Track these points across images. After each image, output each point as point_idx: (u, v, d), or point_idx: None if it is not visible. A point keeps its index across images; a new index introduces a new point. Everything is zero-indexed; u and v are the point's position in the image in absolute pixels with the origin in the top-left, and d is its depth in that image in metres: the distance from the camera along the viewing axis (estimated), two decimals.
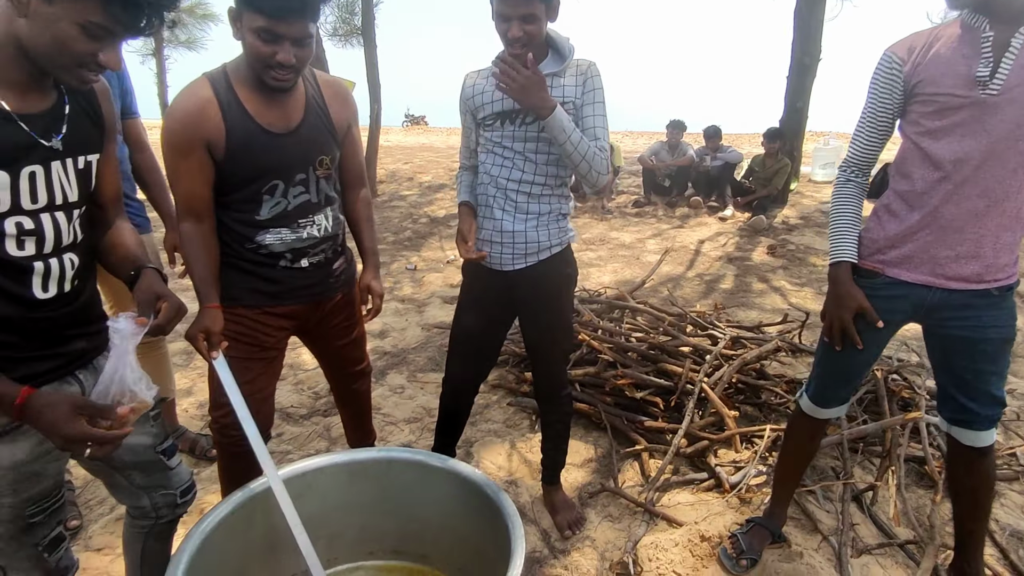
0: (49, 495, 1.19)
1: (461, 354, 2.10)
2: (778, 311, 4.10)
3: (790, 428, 1.99)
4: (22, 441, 1.13)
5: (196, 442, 2.57)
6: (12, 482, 1.13)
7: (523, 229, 1.84)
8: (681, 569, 1.97)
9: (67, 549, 1.28)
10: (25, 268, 1.08)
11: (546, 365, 2.04)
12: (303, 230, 1.68)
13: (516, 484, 2.44)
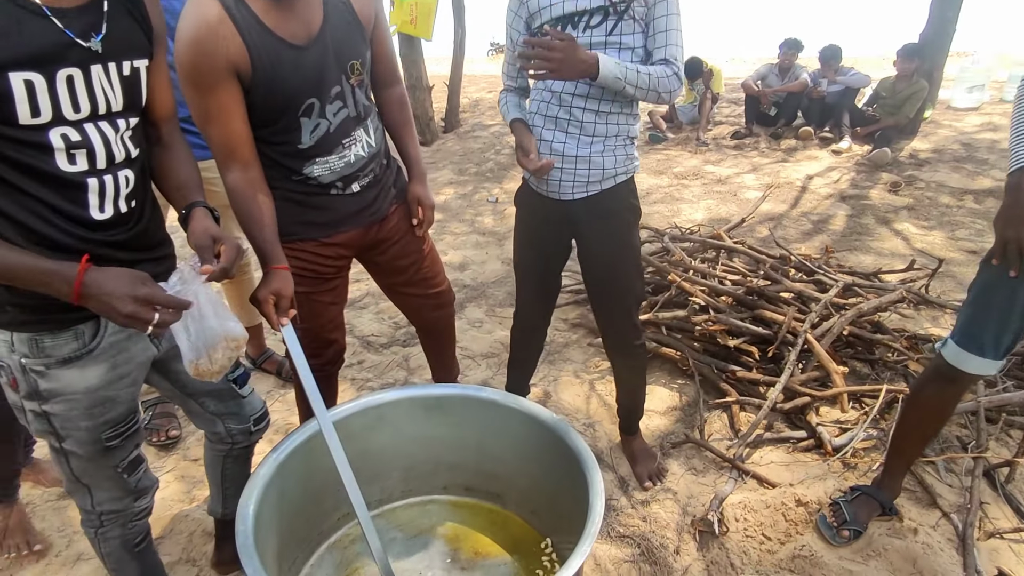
0: (123, 420, 1.20)
1: (525, 290, 1.98)
2: (899, 257, 3.64)
3: (921, 387, 1.72)
4: (93, 367, 1.12)
5: (282, 365, 2.65)
6: (87, 407, 1.14)
7: (587, 154, 1.64)
8: (772, 533, 1.82)
9: (146, 471, 1.31)
10: (79, 185, 1.03)
11: (614, 312, 1.85)
12: (349, 152, 1.53)
13: (594, 428, 2.34)
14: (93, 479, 1.22)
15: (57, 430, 1.14)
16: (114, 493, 1.26)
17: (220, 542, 1.70)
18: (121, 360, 1.16)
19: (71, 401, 1.12)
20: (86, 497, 1.25)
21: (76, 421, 1.14)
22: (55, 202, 1.01)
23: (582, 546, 1.16)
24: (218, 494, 1.60)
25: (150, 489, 1.32)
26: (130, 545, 1.32)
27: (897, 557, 1.70)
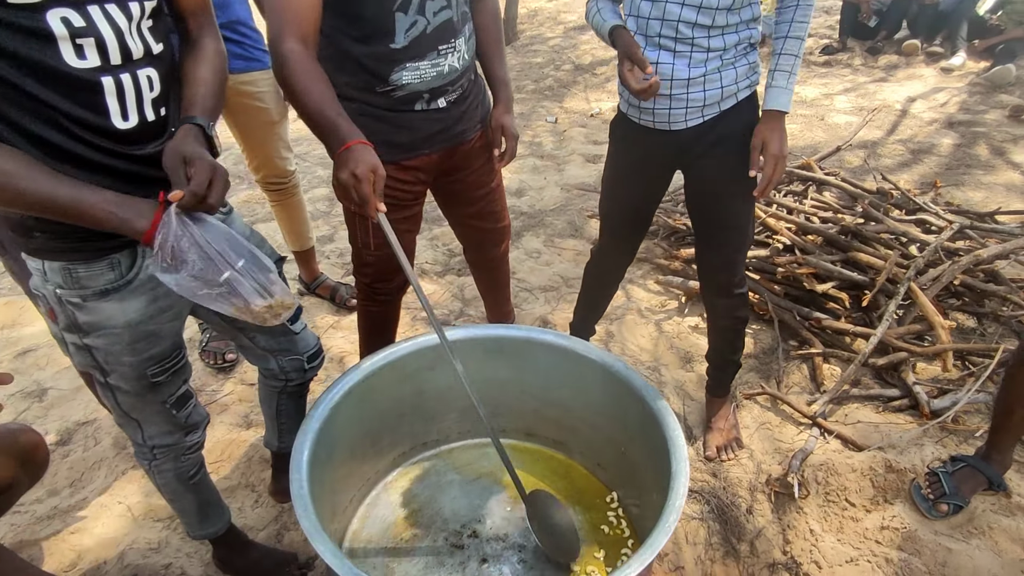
0: (169, 356, 1.13)
1: (613, 229, 1.77)
2: (1017, 194, 3.20)
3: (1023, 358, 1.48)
4: (132, 299, 1.03)
5: (336, 290, 2.58)
6: (129, 342, 1.06)
7: (701, 74, 1.38)
8: (857, 499, 1.67)
9: (196, 405, 1.26)
10: (92, 86, 0.88)
11: (721, 254, 1.63)
12: (444, 61, 1.37)
13: (659, 372, 2.19)
14: (142, 414, 1.18)
15: (101, 364, 1.08)
16: (164, 428, 1.21)
17: (277, 472, 1.69)
18: (162, 292, 1.07)
19: (112, 335, 1.04)
20: (137, 431, 1.21)
21: (119, 356, 1.07)
22: (70, 109, 0.88)
23: (664, 523, 1.04)
24: (273, 428, 1.56)
25: (200, 424, 1.28)
26: (184, 477, 1.30)
27: (1004, 537, 1.53)
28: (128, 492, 1.74)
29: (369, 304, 1.78)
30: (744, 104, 1.46)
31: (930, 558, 1.51)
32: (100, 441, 1.92)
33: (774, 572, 1.54)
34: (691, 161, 1.53)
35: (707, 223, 1.62)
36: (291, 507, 1.69)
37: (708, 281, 1.71)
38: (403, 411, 1.55)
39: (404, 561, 1.38)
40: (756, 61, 1.45)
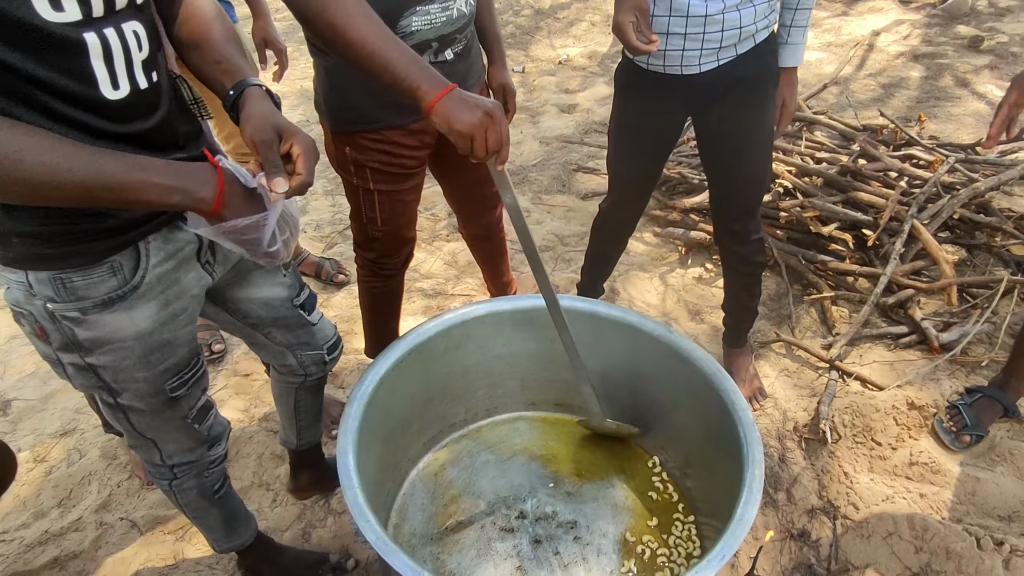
0: (187, 365, 0.98)
1: (624, 185, 1.68)
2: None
3: None
4: (141, 306, 0.88)
5: (320, 266, 2.41)
6: (142, 355, 0.91)
7: (719, 10, 1.27)
8: (883, 438, 1.69)
9: (216, 415, 1.12)
10: (75, 44, 0.71)
11: (737, 204, 1.58)
12: (452, 4, 1.23)
13: (672, 325, 2.14)
14: (159, 432, 1.04)
15: (109, 384, 0.93)
16: (184, 445, 1.08)
17: (296, 469, 1.57)
18: (173, 295, 0.92)
19: (122, 350, 0.89)
20: (153, 451, 1.07)
21: (130, 372, 0.92)
22: (48, 77, 0.70)
23: (745, 513, 0.99)
24: (291, 426, 1.43)
25: (223, 434, 1.15)
26: (208, 493, 1.18)
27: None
28: (129, 506, 1.60)
29: (373, 280, 1.67)
30: (763, 47, 1.38)
31: (960, 489, 1.55)
32: (85, 453, 1.75)
33: (813, 517, 1.55)
34: (705, 108, 1.44)
35: (724, 174, 1.55)
36: (314, 504, 1.60)
37: (725, 230, 1.66)
38: (431, 395, 1.45)
39: (454, 551, 1.31)
40: (774, 2, 1.35)
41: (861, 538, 1.48)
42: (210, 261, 0.98)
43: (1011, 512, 1.49)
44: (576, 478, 1.47)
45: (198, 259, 0.95)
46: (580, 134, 3.50)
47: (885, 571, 1.41)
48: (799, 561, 1.47)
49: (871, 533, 1.48)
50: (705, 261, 2.45)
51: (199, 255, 0.95)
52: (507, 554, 1.30)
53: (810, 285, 2.23)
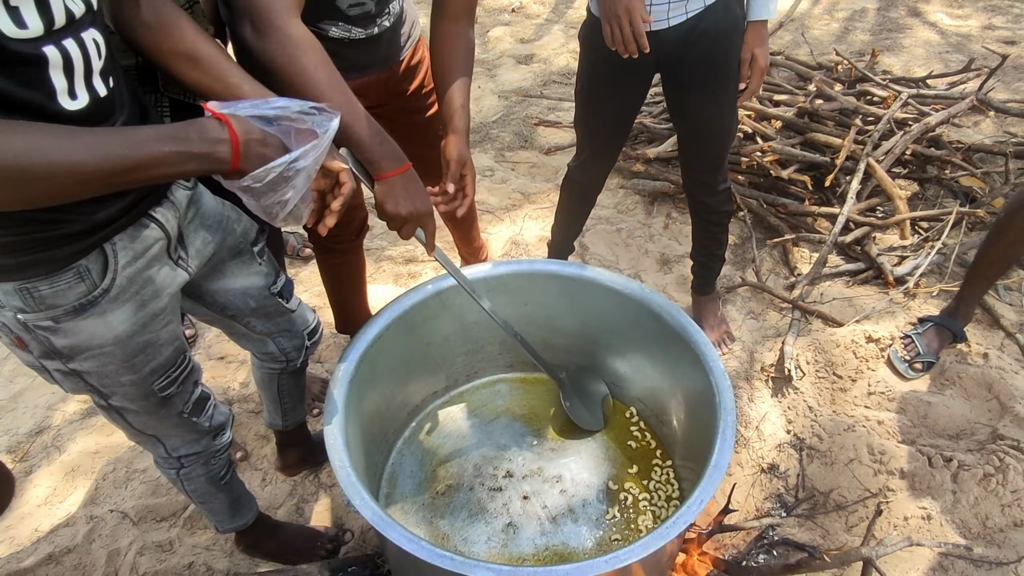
0: (174, 364, 0.97)
1: (592, 144, 1.67)
2: (935, 55, 3.32)
3: (1014, 212, 1.58)
4: (115, 310, 0.86)
5: (285, 241, 2.36)
6: (124, 359, 0.90)
7: None
8: (843, 372, 1.79)
9: (216, 406, 1.12)
10: (37, 57, 0.67)
11: (706, 153, 1.60)
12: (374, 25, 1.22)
13: (639, 277, 2.20)
14: (159, 429, 1.04)
15: (97, 388, 0.92)
16: (188, 437, 1.08)
17: (283, 448, 1.59)
18: (148, 295, 0.90)
19: (102, 356, 0.88)
20: (157, 446, 1.08)
21: (116, 376, 0.91)
22: (10, 91, 0.66)
23: (717, 461, 1.05)
24: (276, 409, 1.44)
25: (226, 424, 1.15)
26: (216, 479, 1.20)
27: (972, 384, 1.70)
28: (118, 498, 1.60)
29: (329, 257, 1.64)
30: None
31: (914, 413, 1.66)
32: (65, 449, 1.73)
33: (781, 451, 1.65)
34: (673, 63, 1.44)
35: (692, 127, 1.57)
36: (304, 480, 1.62)
37: (694, 182, 1.69)
38: (412, 366, 1.47)
39: (446, 514, 1.36)
40: None
41: (825, 466, 1.59)
42: (183, 257, 0.96)
43: (959, 431, 1.61)
44: (558, 434, 1.53)
45: (169, 255, 0.93)
46: (539, 86, 3.43)
47: (847, 494, 1.53)
48: (769, 492, 1.58)
49: (834, 461, 1.58)
50: (670, 210, 2.49)
51: (169, 251, 0.93)
52: (497, 512, 1.36)
53: (772, 229, 2.29)
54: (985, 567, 1.34)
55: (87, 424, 1.79)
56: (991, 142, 2.41)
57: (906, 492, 1.48)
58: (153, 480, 1.63)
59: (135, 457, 1.69)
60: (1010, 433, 1.53)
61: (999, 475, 1.45)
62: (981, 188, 2.26)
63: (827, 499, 1.53)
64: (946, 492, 1.46)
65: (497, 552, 1.30)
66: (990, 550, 1.37)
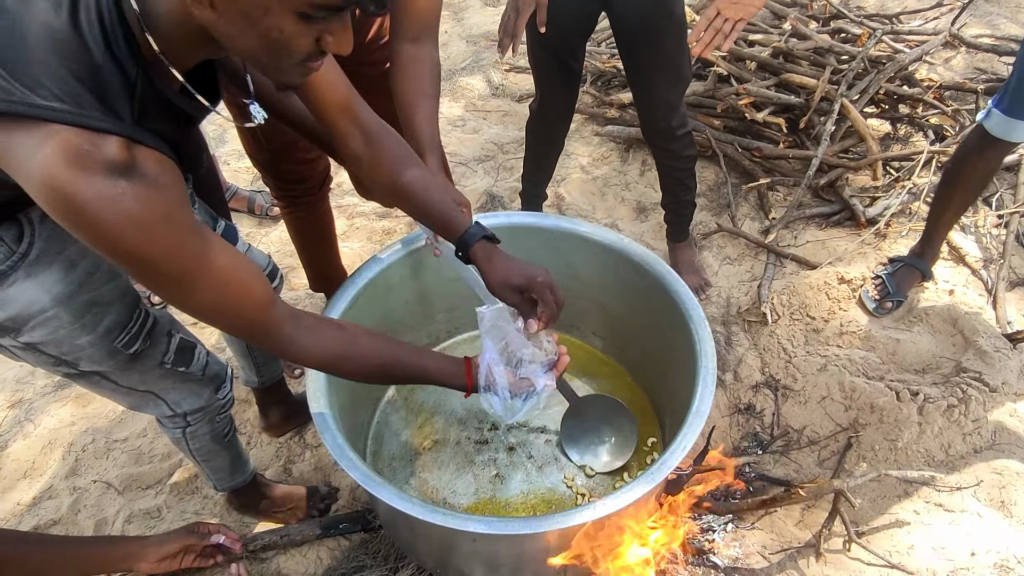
0: (129, 319, 0.94)
1: (547, 78, 1.66)
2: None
3: (963, 157, 1.60)
4: (43, 272, 0.83)
5: (252, 200, 2.29)
6: (72, 320, 0.87)
7: None
8: (816, 313, 1.83)
9: (208, 355, 1.10)
10: None
11: (655, 94, 1.58)
12: None
13: (616, 226, 2.19)
14: (150, 384, 1.02)
15: (61, 358, 0.90)
16: (186, 389, 1.08)
17: (264, 408, 1.59)
18: (76, 253, 0.87)
19: (50, 321, 0.85)
20: (159, 404, 1.06)
21: (72, 340, 0.89)
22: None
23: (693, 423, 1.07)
24: (248, 365, 1.43)
25: (225, 376, 1.15)
26: (220, 437, 1.21)
27: (938, 320, 1.76)
28: (100, 468, 1.58)
29: (294, 211, 1.58)
30: None
31: (883, 351, 1.72)
32: (40, 423, 1.69)
33: (757, 392, 1.70)
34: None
35: (640, 67, 1.56)
36: (289, 441, 1.62)
37: (649, 125, 1.68)
38: (391, 325, 1.46)
39: (434, 469, 1.38)
40: None
41: (799, 404, 1.64)
42: None
43: (925, 365, 1.68)
44: None
45: None
46: None
47: (819, 430, 1.59)
48: (746, 432, 1.63)
49: (807, 399, 1.64)
50: (645, 157, 2.46)
51: None
52: (484, 464, 1.39)
53: (747, 173, 2.29)
54: (947, 492, 1.42)
55: (60, 396, 1.75)
56: (961, 79, 2.41)
57: (875, 426, 1.55)
58: (135, 449, 1.61)
59: (114, 427, 1.67)
60: (973, 366, 1.60)
61: (962, 406, 1.52)
62: (951, 126, 2.27)
63: (800, 436, 1.59)
64: (912, 424, 1.52)
65: (486, 501, 1.33)
66: (952, 476, 1.45)
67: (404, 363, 0.93)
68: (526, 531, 0.92)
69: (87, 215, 0.60)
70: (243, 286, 0.75)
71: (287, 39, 0.61)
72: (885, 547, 1.37)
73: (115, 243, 0.63)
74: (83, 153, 0.59)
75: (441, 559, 1.18)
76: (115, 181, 0.60)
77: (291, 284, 2.04)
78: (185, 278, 0.69)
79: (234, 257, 0.75)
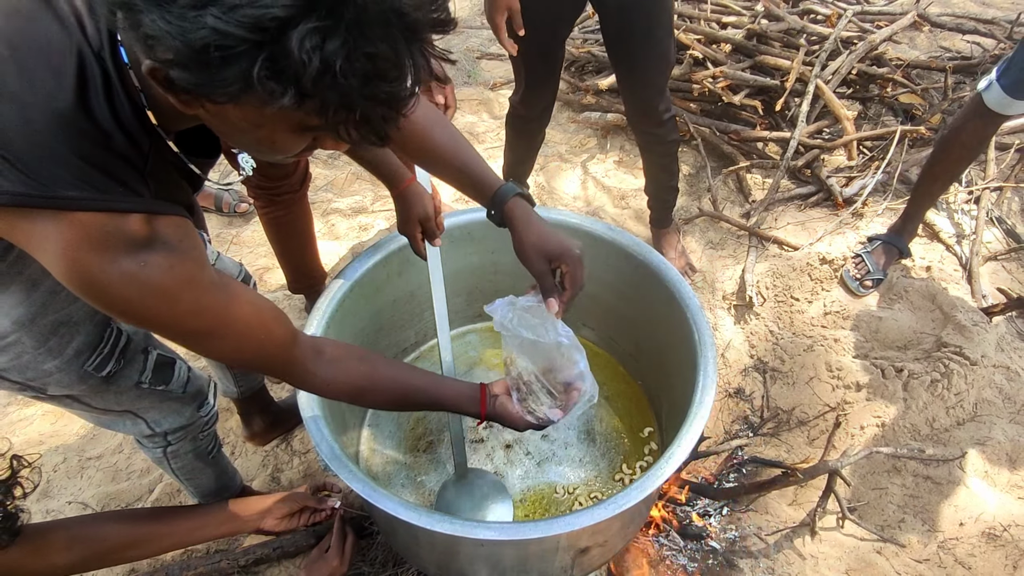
0: (100, 339, 0.88)
1: (530, 70, 1.63)
2: None
3: (959, 129, 1.63)
4: (3, 294, 0.77)
5: (220, 198, 2.19)
6: (36, 345, 0.81)
7: None
8: (800, 295, 1.85)
9: (188, 370, 1.04)
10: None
11: (649, 82, 1.57)
12: None
13: (598, 214, 2.18)
14: (127, 404, 0.96)
15: (24, 383, 0.83)
16: (166, 409, 1.02)
17: (246, 417, 1.53)
18: (37, 272, 0.80)
19: (10, 346, 0.79)
20: (137, 422, 1.00)
21: (38, 366, 0.82)
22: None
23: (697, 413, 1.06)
24: (225, 376, 1.38)
25: (206, 391, 1.09)
26: (204, 454, 1.15)
27: (917, 297, 1.79)
28: (74, 488, 1.50)
29: (273, 210, 1.53)
30: None
31: (866, 329, 1.74)
32: (3, 443, 1.60)
33: (746, 375, 1.72)
34: None
35: (630, 53, 1.54)
36: (275, 448, 1.57)
37: (636, 111, 1.67)
38: (380, 324, 1.41)
39: (430, 470, 1.35)
40: None
41: (787, 386, 1.66)
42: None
43: (907, 342, 1.71)
44: None
45: None
46: (477, 15, 3.24)
47: (808, 410, 1.61)
48: (736, 415, 1.64)
49: (795, 380, 1.66)
50: (624, 143, 2.44)
51: None
52: (481, 462, 1.36)
53: (725, 156, 2.29)
54: (934, 465, 1.46)
55: (25, 416, 1.66)
56: (927, 58, 2.45)
57: (862, 403, 1.57)
58: (111, 466, 1.54)
59: (86, 444, 1.59)
60: (952, 340, 1.64)
61: (944, 380, 1.56)
62: (921, 104, 2.31)
63: (790, 416, 1.61)
64: (898, 400, 1.55)
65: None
66: (937, 449, 1.49)
67: (423, 391, 0.91)
68: (536, 535, 0.90)
69: (112, 293, 0.61)
70: (265, 329, 0.73)
71: (280, 145, 0.61)
72: (877, 522, 1.40)
73: (142, 314, 0.64)
74: (105, 235, 0.59)
75: (444, 564, 1.15)
76: (137, 256, 0.60)
77: (267, 285, 1.97)
78: (208, 332, 0.68)
79: (255, 303, 0.73)
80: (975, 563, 1.32)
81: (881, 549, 1.36)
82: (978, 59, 2.40)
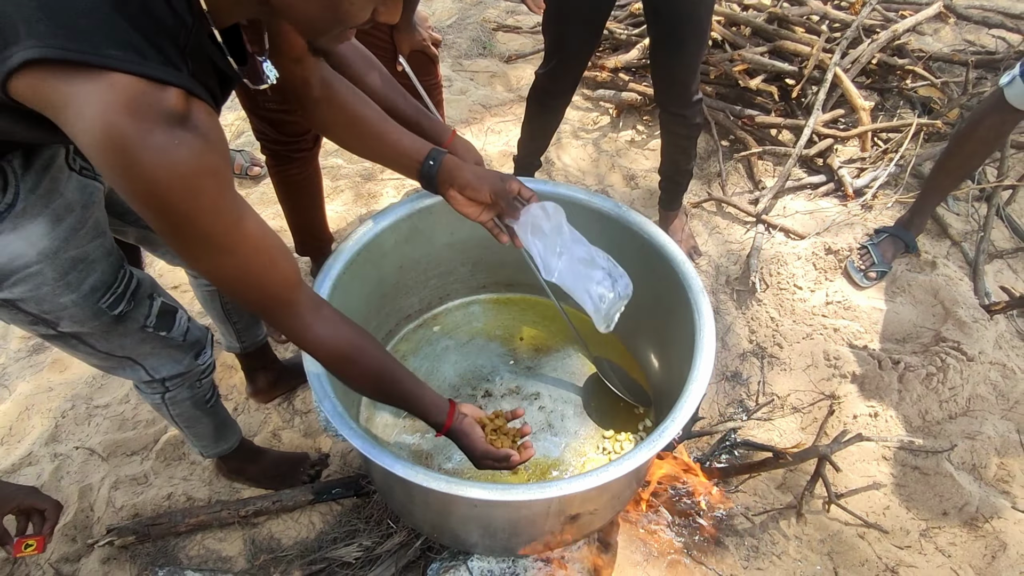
0: (115, 279, 0.91)
1: (563, 50, 1.61)
2: None
3: (977, 123, 1.62)
4: (29, 224, 0.79)
5: (232, 159, 2.20)
6: (57, 277, 0.83)
7: None
8: (803, 283, 1.85)
9: (189, 319, 1.07)
10: None
11: (680, 62, 1.56)
12: None
13: (607, 193, 2.18)
14: (129, 349, 0.99)
15: (41, 316, 0.86)
16: (165, 355, 1.04)
17: (250, 374, 1.56)
18: (61, 208, 0.83)
19: (33, 277, 0.82)
20: (136, 369, 1.03)
21: (55, 299, 0.85)
22: None
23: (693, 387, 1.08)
24: (228, 331, 1.40)
25: (205, 341, 1.11)
26: (202, 402, 1.18)
27: (920, 291, 1.80)
28: (82, 434, 1.54)
29: (287, 168, 1.54)
30: None
31: (866, 320, 1.75)
32: (14, 388, 1.64)
33: (744, 360, 1.73)
34: None
35: (672, 34, 1.52)
36: (277, 407, 1.60)
37: (667, 90, 1.65)
38: (385, 290, 1.43)
39: (427, 436, 1.38)
40: None
41: (784, 372, 1.68)
42: (87, 167, 0.89)
43: (906, 335, 1.72)
44: (534, 353, 1.54)
45: (69, 165, 0.86)
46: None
47: (803, 397, 1.63)
48: (732, 398, 1.66)
49: (793, 367, 1.68)
50: (636, 123, 2.43)
51: (68, 160, 0.86)
52: None
53: (737, 141, 2.28)
54: (923, 456, 1.48)
55: (35, 362, 1.70)
56: (950, 51, 2.42)
57: (857, 393, 1.59)
58: (118, 415, 1.57)
59: (95, 392, 1.62)
60: (952, 335, 1.65)
61: (940, 374, 1.57)
62: (940, 99, 2.28)
63: (785, 402, 1.63)
64: (892, 391, 1.57)
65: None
66: (928, 441, 1.51)
67: (400, 382, 0.93)
68: (528, 497, 0.93)
69: (142, 165, 0.58)
70: (270, 257, 0.73)
71: (354, 11, 0.62)
72: (862, 508, 1.43)
73: (163, 195, 0.60)
74: (145, 103, 0.57)
75: (437, 524, 1.19)
76: (172, 132, 0.58)
77: None
78: (219, 239, 0.67)
79: (264, 228, 0.73)
80: (955, 551, 1.35)
81: (864, 534, 1.39)
82: (1002, 54, 2.36)
